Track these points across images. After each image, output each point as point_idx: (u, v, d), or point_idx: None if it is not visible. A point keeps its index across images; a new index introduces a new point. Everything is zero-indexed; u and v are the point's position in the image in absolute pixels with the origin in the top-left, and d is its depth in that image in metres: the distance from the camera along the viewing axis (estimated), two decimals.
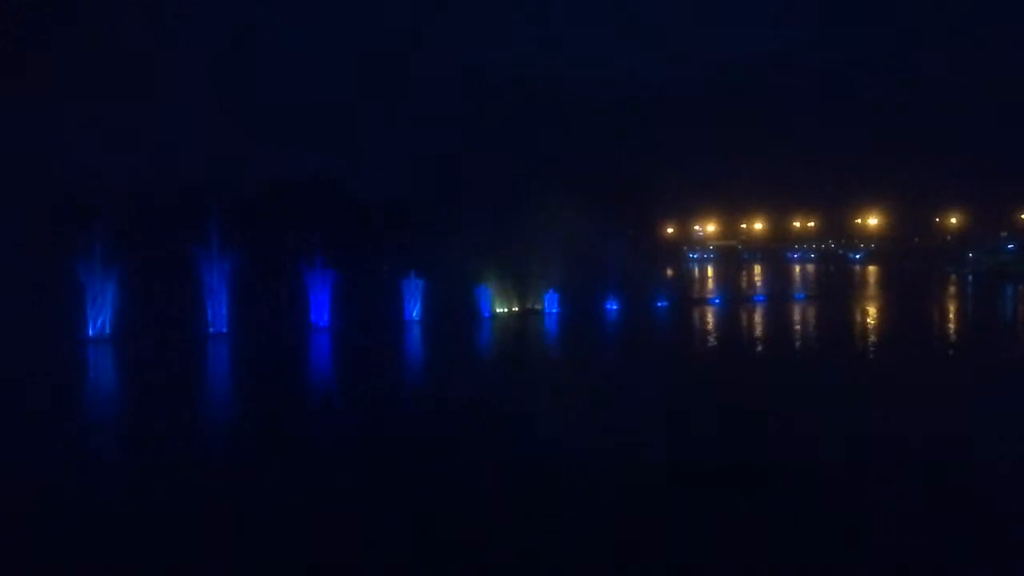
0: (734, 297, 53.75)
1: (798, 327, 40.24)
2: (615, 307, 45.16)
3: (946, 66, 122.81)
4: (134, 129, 65.25)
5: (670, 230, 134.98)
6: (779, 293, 54.46)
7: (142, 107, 70.39)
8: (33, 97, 57.55)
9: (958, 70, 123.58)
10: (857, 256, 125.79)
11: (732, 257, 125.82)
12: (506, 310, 43.07)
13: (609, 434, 17.25)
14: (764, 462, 14.84)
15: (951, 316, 46.36)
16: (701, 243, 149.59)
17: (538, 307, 43.99)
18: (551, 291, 44.07)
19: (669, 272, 53.68)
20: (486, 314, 41.93)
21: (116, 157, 59.23)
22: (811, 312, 45.72)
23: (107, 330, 31.96)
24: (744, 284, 68.95)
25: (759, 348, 33.14)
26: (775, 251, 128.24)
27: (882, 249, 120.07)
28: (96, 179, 55.56)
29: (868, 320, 43.32)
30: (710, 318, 43.12)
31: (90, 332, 31.56)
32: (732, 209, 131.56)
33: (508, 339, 35.91)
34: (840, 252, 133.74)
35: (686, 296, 54.00)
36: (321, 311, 36.53)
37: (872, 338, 35.99)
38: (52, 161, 55.30)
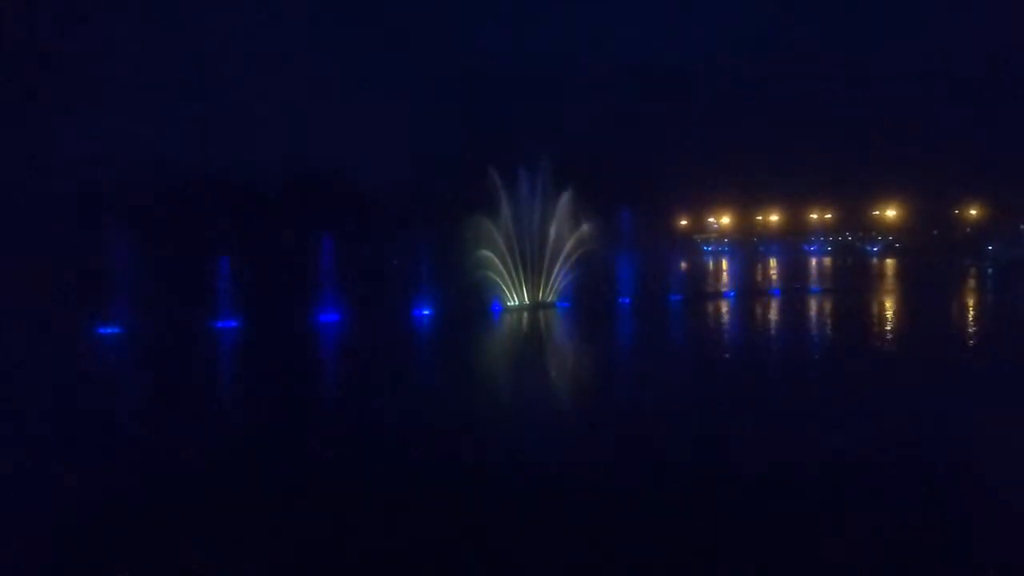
0: (749, 291, 52.90)
1: (816, 320, 39.40)
2: (627, 301, 44.54)
3: (963, 58, 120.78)
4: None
5: (683, 222, 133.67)
6: (797, 287, 53.23)
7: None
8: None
9: (976, 62, 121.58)
10: (875, 249, 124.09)
11: (747, 250, 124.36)
12: (517, 303, 42.52)
13: None
14: None
15: (980, 314, 45.10)
16: (716, 235, 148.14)
17: (551, 300, 43.44)
18: (566, 285, 43.53)
19: (683, 265, 52.80)
20: (497, 308, 41.46)
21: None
22: (828, 306, 44.82)
23: None
24: (760, 278, 68.00)
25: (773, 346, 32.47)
26: (792, 243, 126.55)
27: (900, 242, 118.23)
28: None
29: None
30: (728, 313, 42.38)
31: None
32: (747, 200, 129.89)
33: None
34: (857, 245, 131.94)
35: (700, 290, 53.28)
36: None
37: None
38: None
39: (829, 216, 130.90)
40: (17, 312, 32.74)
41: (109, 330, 32.34)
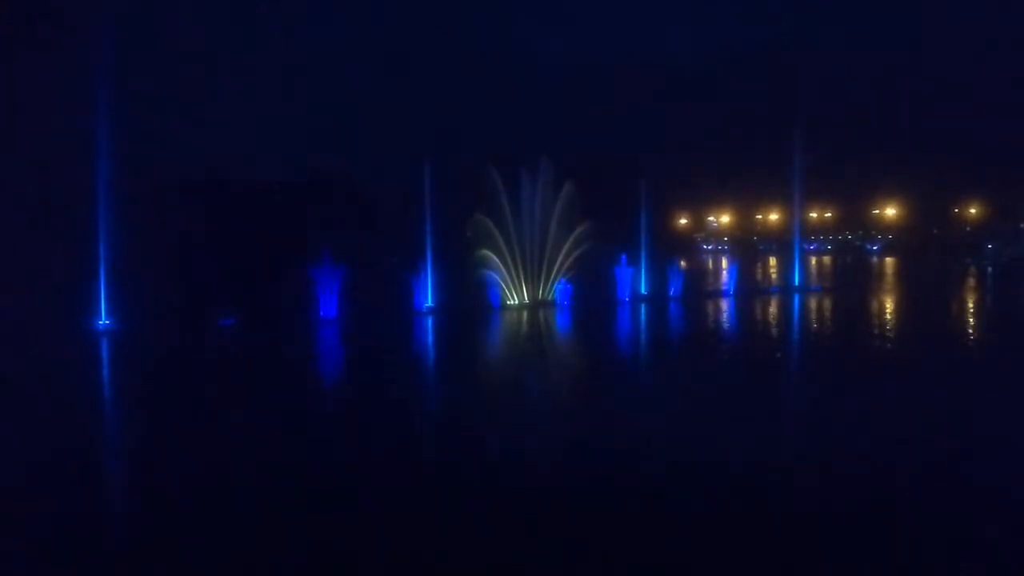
0: (750, 289, 52.91)
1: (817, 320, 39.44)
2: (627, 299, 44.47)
3: (964, 56, 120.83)
4: None
5: (683, 221, 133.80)
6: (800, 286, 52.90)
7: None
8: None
9: (976, 61, 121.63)
10: (874, 247, 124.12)
11: (747, 248, 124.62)
12: (517, 302, 42.48)
13: None
14: None
15: (976, 311, 45.15)
16: (715, 234, 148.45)
17: (550, 298, 43.38)
18: (564, 283, 43.39)
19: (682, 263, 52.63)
20: (496, 305, 41.45)
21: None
22: (827, 305, 44.87)
23: None
24: (760, 276, 68.08)
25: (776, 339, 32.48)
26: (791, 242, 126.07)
27: (900, 240, 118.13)
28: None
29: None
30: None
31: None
32: (747, 199, 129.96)
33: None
34: (857, 243, 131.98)
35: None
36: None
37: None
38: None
39: (829, 215, 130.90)
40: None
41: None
